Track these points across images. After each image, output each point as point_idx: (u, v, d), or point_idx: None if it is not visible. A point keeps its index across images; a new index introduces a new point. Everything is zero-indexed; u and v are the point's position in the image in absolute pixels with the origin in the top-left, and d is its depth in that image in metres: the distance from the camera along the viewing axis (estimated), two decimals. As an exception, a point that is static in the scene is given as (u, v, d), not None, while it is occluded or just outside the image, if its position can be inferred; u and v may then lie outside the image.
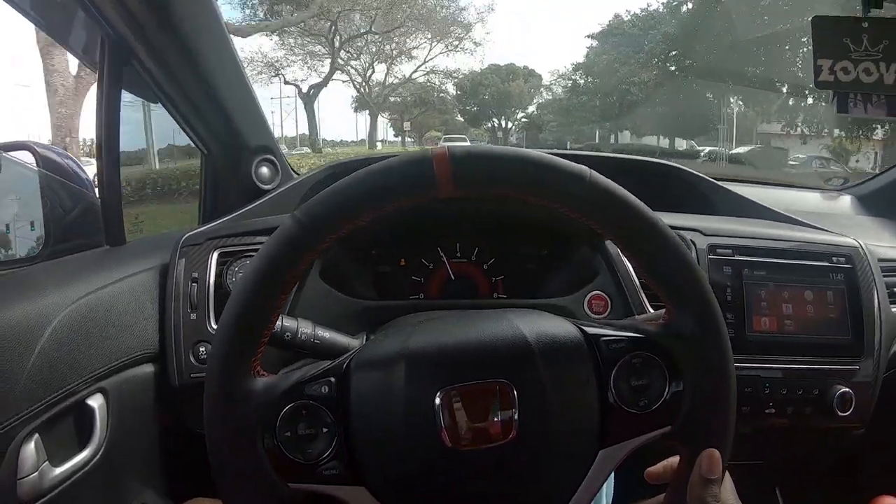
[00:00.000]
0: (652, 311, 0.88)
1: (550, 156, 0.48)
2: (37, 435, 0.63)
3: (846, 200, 1.40)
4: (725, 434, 0.52)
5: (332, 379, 0.51)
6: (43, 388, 0.64)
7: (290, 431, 0.49)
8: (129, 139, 0.96)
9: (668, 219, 0.91)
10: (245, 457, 0.49)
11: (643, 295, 0.88)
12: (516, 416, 0.49)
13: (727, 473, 0.55)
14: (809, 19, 0.83)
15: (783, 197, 1.41)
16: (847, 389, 0.87)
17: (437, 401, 0.48)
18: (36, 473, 0.63)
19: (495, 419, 0.49)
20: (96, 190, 0.95)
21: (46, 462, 0.64)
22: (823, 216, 1.17)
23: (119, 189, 0.91)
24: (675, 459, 0.56)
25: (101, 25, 0.83)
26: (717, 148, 15.64)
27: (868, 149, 12.09)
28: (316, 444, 0.49)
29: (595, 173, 0.48)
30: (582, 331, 0.54)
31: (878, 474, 1.08)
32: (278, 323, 0.66)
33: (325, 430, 0.50)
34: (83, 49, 0.96)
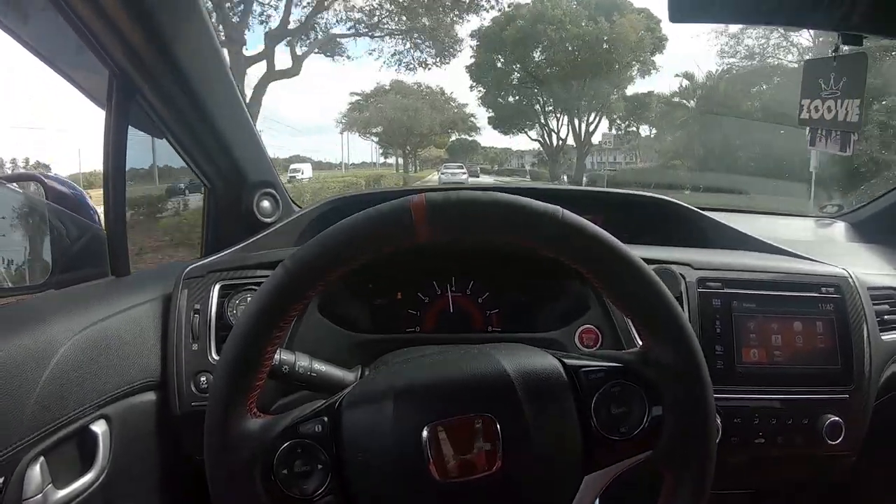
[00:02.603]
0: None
1: (523, 197, 0.51)
2: (42, 458, 0.66)
3: (840, 228, 1.41)
4: (707, 455, 0.53)
5: (325, 418, 0.53)
6: (49, 414, 0.67)
7: (287, 469, 0.51)
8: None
9: (658, 253, 0.93)
10: (244, 492, 0.51)
11: (633, 327, 0.89)
12: (500, 448, 0.51)
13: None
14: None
15: (778, 225, 1.43)
16: (837, 418, 0.88)
17: (424, 436, 0.50)
18: (40, 495, 0.65)
19: (480, 451, 0.51)
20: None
21: (51, 484, 0.66)
22: (815, 245, 1.18)
23: (125, 221, 0.94)
24: None
25: (109, 64, 0.87)
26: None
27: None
28: (312, 480, 0.52)
29: (567, 212, 0.51)
30: (562, 363, 0.56)
31: (871, 502, 1.08)
32: (276, 356, 0.68)
33: (319, 466, 0.52)
34: (91, 86, 0.99)
